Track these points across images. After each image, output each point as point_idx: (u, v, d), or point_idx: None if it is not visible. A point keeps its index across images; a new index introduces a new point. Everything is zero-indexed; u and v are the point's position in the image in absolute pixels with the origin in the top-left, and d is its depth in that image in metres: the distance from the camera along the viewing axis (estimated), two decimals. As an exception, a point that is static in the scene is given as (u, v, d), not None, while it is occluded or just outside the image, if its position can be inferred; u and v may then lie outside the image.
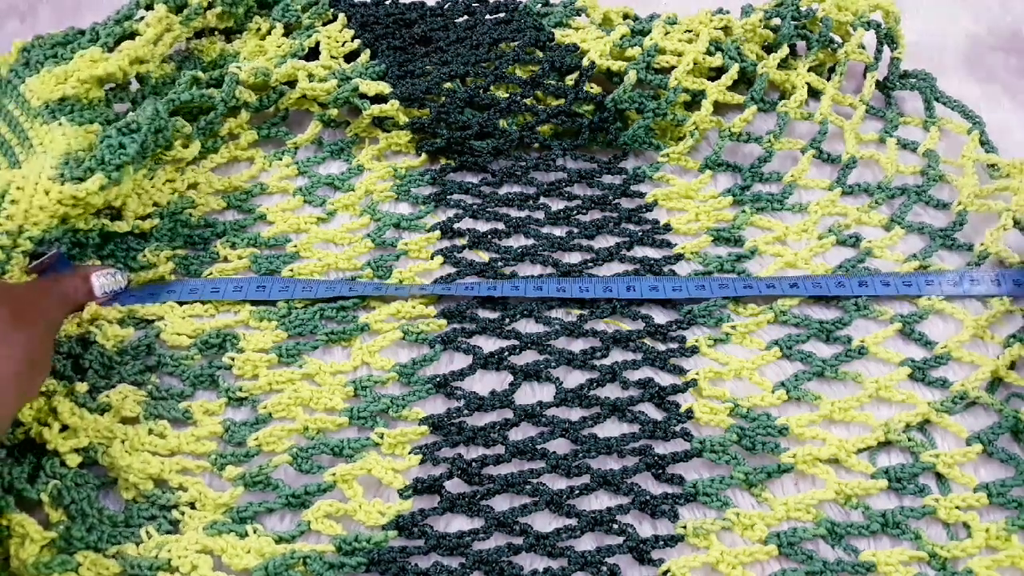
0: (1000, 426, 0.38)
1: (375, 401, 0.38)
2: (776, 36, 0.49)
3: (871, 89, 0.50)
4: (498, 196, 0.46)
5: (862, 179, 0.48)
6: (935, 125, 0.49)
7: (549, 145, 0.47)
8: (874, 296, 0.42)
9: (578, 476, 0.37)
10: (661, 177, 0.47)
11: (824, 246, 0.44)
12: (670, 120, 0.48)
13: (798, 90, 0.49)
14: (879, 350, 0.41)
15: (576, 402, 0.39)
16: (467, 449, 0.38)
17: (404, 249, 0.44)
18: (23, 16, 0.58)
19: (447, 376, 0.39)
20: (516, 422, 0.38)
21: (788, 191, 0.47)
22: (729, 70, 0.48)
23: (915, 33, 0.54)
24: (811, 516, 0.36)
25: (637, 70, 0.47)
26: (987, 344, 0.41)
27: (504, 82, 0.47)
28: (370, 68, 0.47)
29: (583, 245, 0.44)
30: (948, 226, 0.45)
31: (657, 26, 0.49)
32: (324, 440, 0.37)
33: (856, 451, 0.38)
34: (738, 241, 0.45)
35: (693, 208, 0.46)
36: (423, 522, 0.36)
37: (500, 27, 0.50)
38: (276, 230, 0.44)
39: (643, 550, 0.36)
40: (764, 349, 0.41)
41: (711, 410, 0.39)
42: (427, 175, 0.46)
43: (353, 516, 0.36)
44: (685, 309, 0.42)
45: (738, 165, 0.48)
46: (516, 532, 0.36)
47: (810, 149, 0.48)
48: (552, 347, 0.40)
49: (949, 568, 0.35)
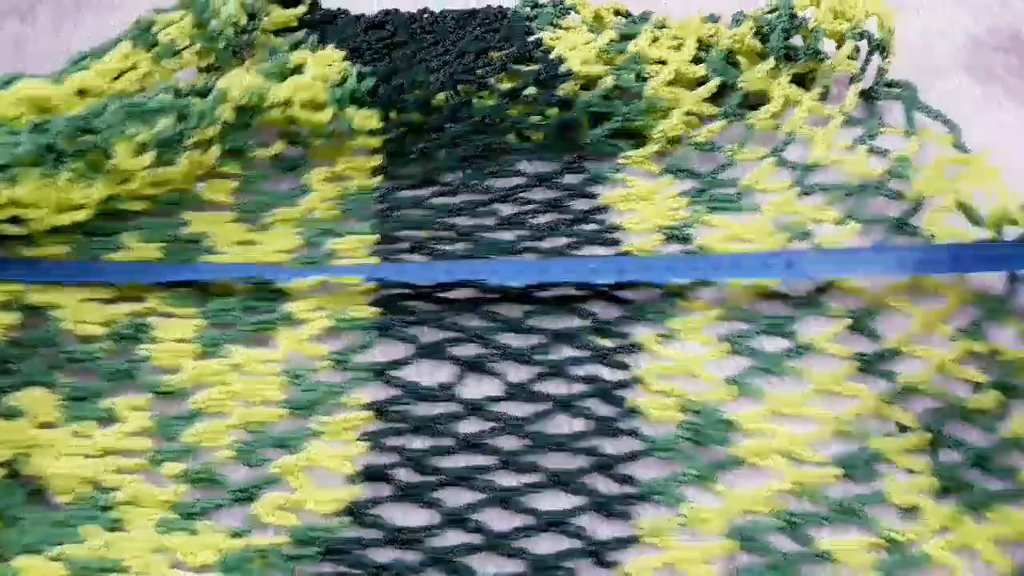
0: (947, 413, 0.38)
1: (312, 389, 0.38)
2: (764, 47, 0.48)
3: (853, 100, 0.49)
4: (449, 206, 0.45)
5: (825, 182, 0.47)
6: (915, 134, 0.48)
7: (510, 150, 0.47)
8: (824, 289, 0.42)
9: (529, 473, 0.37)
10: (621, 179, 0.46)
11: (776, 242, 0.44)
12: (639, 125, 0.47)
13: (773, 101, 0.48)
14: (828, 345, 0.40)
15: (524, 397, 0.38)
16: (414, 439, 0.37)
17: (336, 248, 0.42)
18: (23, 16, 0.57)
19: (386, 364, 0.39)
20: (463, 415, 0.38)
21: (745, 193, 0.46)
22: (709, 83, 0.47)
23: (915, 33, 0.54)
24: (768, 508, 0.36)
25: (615, 76, 0.46)
26: (938, 338, 0.41)
27: (488, 91, 0.46)
28: (362, 84, 0.45)
29: (529, 247, 0.43)
30: (903, 213, 0.44)
31: (645, 31, 0.48)
32: (266, 432, 0.36)
33: (807, 443, 0.37)
34: (687, 239, 0.44)
35: (646, 209, 0.45)
36: (374, 510, 0.35)
37: (489, 35, 0.49)
38: (194, 229, 0.42)
39: (600, 552, 0.35)
40: (712, 344, 0.40)
41: (660, 406, 0.38)
42: (377, 192, 0.45)
43: (304, 506, 0.35)
44: (632, 305, 0.41)
45: (699, 172, 0.47)
46: (471, 529, 0.35)
47: (771, 157, 0.47)
48: (495, 341, 0.40)
49: (904, 552, 0.35)
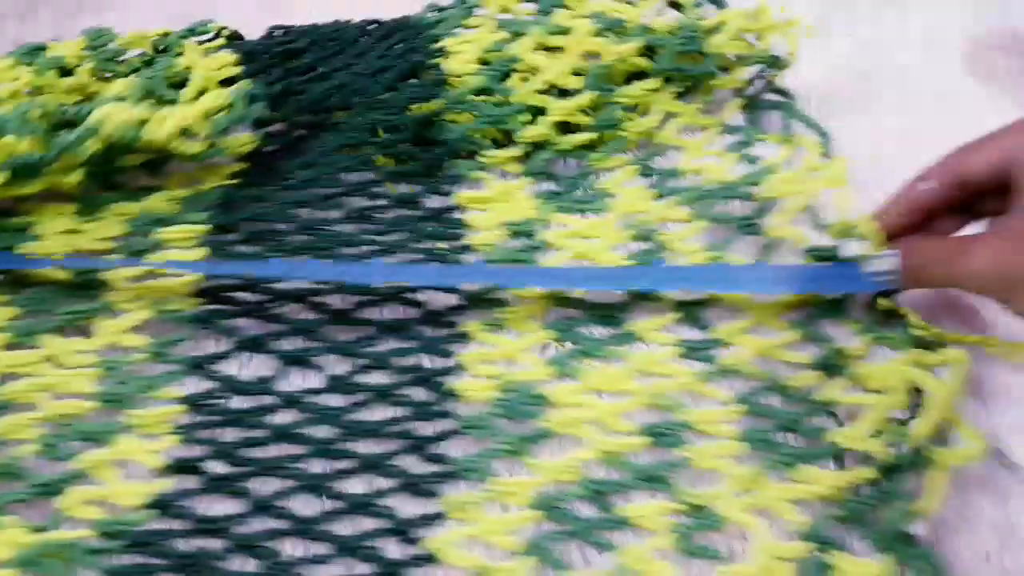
0: (764, 388, 0.38)
1: (127, 382, 0.38)
2: (650, 65, 0.47)
3: (733, 110, 0.49)
4: (296, 199, 0.44)
5: (680, 186, 0.46)
6: (790, 142, 0.48)
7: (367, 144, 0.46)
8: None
9: (340, 460, 0.37)
10: (478, 178, 0.46)
11: (620, 240, 0.44)
12: (504, 128, 0.47)
13: (651, 116, 0.48)
14: (655, 335, 0.41)
15: (342, 389, 0.39)
16: (227, 431, 0.38)
17: (163, 238, 0.42)
18: (23, 17, 0.58)
19: (204, 357, 0.39)
20: (279, 407, 0.38)
21: (599, 196, 0.46)
22: (579, 96, 0.46)
23: (915, 33, 0.54)
24: (574, 477, 0.36)
25: (486, 77, 0.46)
26: (769, 330, 0.41)
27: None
28: (252, 108, 0.45)
29: (368, 240, 0.43)
30: (750, 213, 0.44)
31: (531, 34, 0.47)
32: (74, 425, 0.37)
33: (617, 413, 0.38)
34: (531, 235, 0.45)
35: (497, 207, 0.46)
36: (182, 501, 0.35)
37: (386, 53, 0.48)
38: (22, 220, 0.42)
39: (406, 530, 0.35)
40: (538, 332, 0.41)
41: (477, 387, 0.39)
42: (217, 191, 0.45)
43: (111, 499, 0.35)
44: (462, 295, 0.42)
45: (559, 175, 0.47)
46: (279, 516, 0.35)
47: (635, 165, 0.47)
48: (321, 334, 0.40)
49: (702, 514, 0.35)
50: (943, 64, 0.54)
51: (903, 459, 0.35)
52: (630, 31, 0.48)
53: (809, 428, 0.37)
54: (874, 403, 0.36)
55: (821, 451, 0.36)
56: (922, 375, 0.36)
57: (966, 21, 0.57)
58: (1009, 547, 0.35)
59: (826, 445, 0.36)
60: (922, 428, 0.34)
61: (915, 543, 0.34)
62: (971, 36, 0.56)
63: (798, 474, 0.36)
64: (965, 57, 0.55)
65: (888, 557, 0.34)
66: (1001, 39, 0.56)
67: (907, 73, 0.54)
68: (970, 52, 0.56)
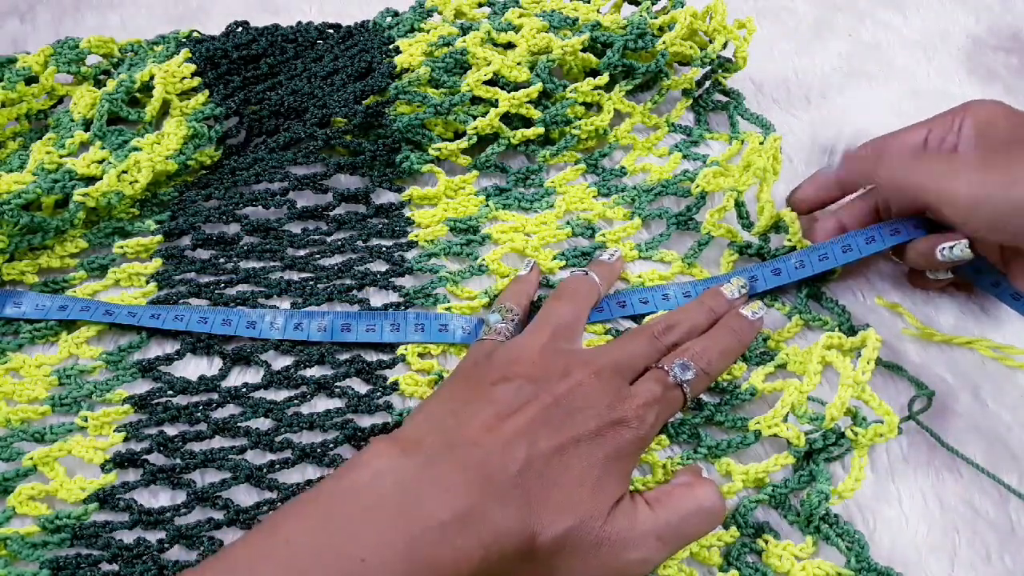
0: None
1: (79, 387, 0.40)
2: (599, 62, 0.48)
3: (681, 110, 0.50)
4: (244, 195, 0.46)
5: (622, 184, 0.47)
6: (737, 139, 0.49)
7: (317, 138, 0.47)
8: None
9: (280, 451, 0.38)
10: (429, 169, 0.47)
11: (558, 236, 0.45)
12: (453, 120, 0.47)
13: (602, 113, 0.48)
14: None
15: (284, 383, 0.40)
16: (170, 427, 0.39)
17: (122, 251, 0.45)
18: (23, 16, 0.60)
19: (152, 360, 0.41)
20: (221, 402, 0.39)
21: (545, 193, 0.47)
22: (529, 88, 0.46)
23: (915, 33, 0.55)
24: None
25: (431, 67, 0.47)
26: None
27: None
28: (205, 108, 0.47)
29: (315, 240, 0.45)
30: (684, 209, 0.45)
31: (483, 28, 0.48)
32: (24, 428, 0.38)
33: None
34: (476, 230, 0.45)
35: (443, 203, 0.47)
36: (125, 495, 0.37)
37: (345, 55, 0.49)
38: None
39: None
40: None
41: (416, 382, 0.40)
42: (172, 191, 0.47)
43: (55, 495, 0.37)
44: (404, 291, 0.43)
45: (507, 168, 0.48)
46: (218, 507, 0.37)
47: (582, 164, 0.48)
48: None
49: None
50: (943, 64, 0.55)
51: (820, 442, 0.35)
52: (581, 27, 0.48)
53: (732, 420, 0.37)
54: (792, 388, 0.36)
55: (743, 441, 0.37)
56: (834, 356, 0.36)
57: (966, 21, 0.58)
58: (1009, 547, 0.35)
59: (748, 434, 0.36)
60: (834, 410, 0.34)
61: (838, 522, 0.34)
62: (971, 36, 0.57)
63: (719, 465, 0.36)
64: (965, 57, 0.56)
65: (813, 537, 0.34)
66: (1001, 39, 0.57)
67: (907, 73, 0.54)
68: (970, 52, 0.56)
